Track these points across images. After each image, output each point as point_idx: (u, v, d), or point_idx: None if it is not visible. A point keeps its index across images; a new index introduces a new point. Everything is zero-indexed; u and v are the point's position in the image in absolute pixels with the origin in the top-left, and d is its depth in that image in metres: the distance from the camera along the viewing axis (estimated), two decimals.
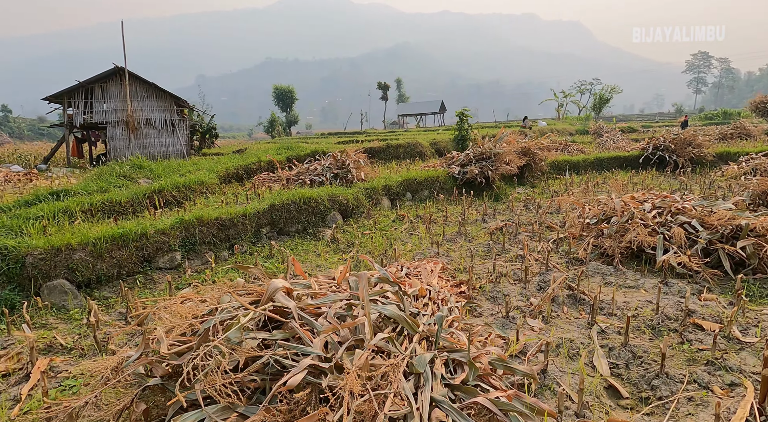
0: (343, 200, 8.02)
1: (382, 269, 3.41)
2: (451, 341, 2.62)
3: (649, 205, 5.86)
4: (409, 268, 4.41)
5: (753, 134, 22.86)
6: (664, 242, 5.22)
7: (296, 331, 2.23)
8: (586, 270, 5.27)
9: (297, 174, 9.97)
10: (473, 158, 11.36)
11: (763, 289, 4.49)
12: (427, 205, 10.06)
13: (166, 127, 20.57)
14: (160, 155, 20.02)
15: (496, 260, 5.66)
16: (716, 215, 5.07)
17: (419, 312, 2.98)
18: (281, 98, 65.79)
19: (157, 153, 20.15)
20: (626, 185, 11.94)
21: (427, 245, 6.69)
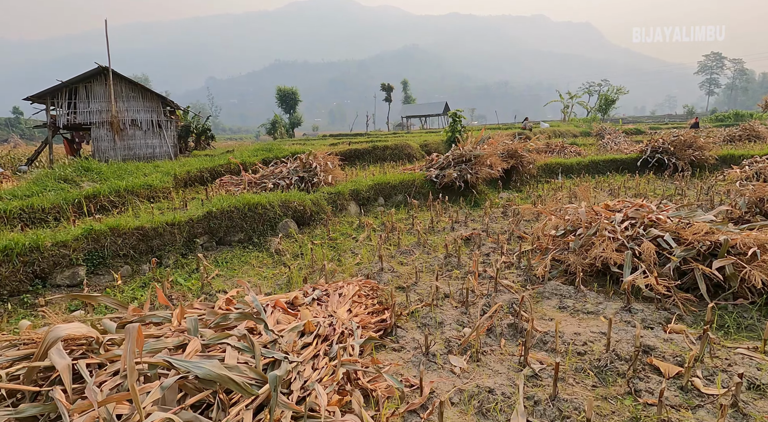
0: (299, 207, 7.43)
1: (256, 298, 2.79)
2: (300, 408, 2.01)
3: (620, 215, 5.16)
4: (326, 290, 3.80)
5: (763, 136, 21.80)
6: (633, 259, 4.54)
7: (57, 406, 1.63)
8: (544, 291, 4.60)
9: (261, 177, 9.42)
10: (452, 160, 10.70)
11: (742, 319, 3.78)
12: (400, 211, 9.44)
13: (153, 128, 20.21)
14: (147, 156, 19.70)
15: (443, 278, 5.02)
16: (692, 228, 4.37)
17: (285, 358, 2.37)
18: (285, 100, 65.69)
19: (144, 154, 19.82)
20: (618, 190, 11.18)
21: (383, 256, 6.06)
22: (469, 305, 4.29)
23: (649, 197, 10.63)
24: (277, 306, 3.03)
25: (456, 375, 3.08)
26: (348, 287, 3.70)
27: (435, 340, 3.63)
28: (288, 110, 66.14)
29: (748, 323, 3.73)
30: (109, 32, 20.30)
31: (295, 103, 66.17)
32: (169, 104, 20.93)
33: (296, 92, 66.83)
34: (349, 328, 3.09)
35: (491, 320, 3.72)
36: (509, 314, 4.04)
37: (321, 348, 2.66)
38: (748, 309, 3.91)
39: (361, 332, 3.13)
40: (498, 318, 3.98)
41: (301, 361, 2.40)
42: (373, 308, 3.69)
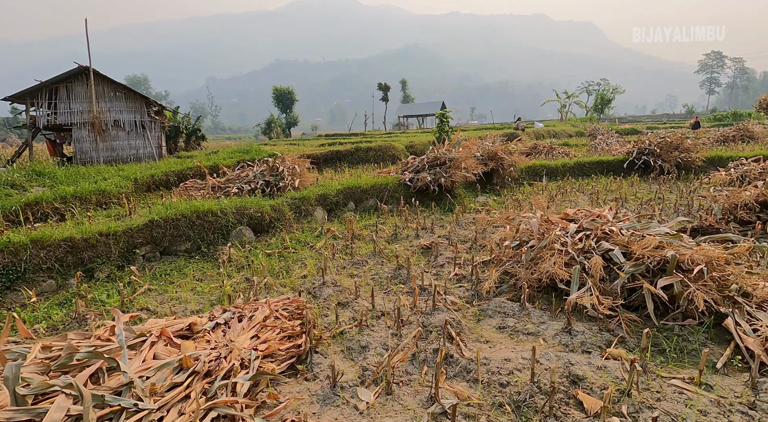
0: (256, 213, 7.16)
1: (122, 331, 2.51)
2: None
3: (575, 226, 4.87)
4: (241, 312, 3.52)
5: (756, 136, 21.45)
6: (582, 274, 4.25)
7: None
8: (487, 308, 4.31)
9: (226, 181, 9.14)
10: (427, 164, 10.41)
11: (686, 343, 3.49)
12: (370, 216, 9.16)
13: (136, 129, 19.95)
14: (130, 157, 19.45)
15: (386, 293, 4.73)
16: (642, 242, 4.08)
17: (135, 405, 2.09)
18: (281, 99, 65.47)
19: (127, 156, 19.57)
20: (598, 194, 10.88)
21: (332, 267, 5.79)
22: (403, 326, 4.01)
23: (629, 201, 10.34)
24: (163, 336, 2.76)
25: (359, 411, 2.80)
26: (262, 309, 3.41)
27: (354, 367, 3.35)
28: (284, 109, 65.92)
29: (692, 348, 3.44)
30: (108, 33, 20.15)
31: (292, 102, 65.94)
32: (153, 104, 20.68)
33: (292, 92, 66.58)
34: (247, 359, 2.81)
35: (412, 346, 3.44)
36: (441, 336, 3.75)
37: (197, 388, 2.38)
38: (695, 331, 3.62)
39: (259, 363, 2.85)
40: (430, 341, 3.69)
41: (157, 408, 2.12)
42: (291, 331, 3.41)
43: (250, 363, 2.78)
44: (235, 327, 3.12)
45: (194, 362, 2.54)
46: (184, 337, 2.96)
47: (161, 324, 2.92)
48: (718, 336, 3.63)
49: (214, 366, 2.60)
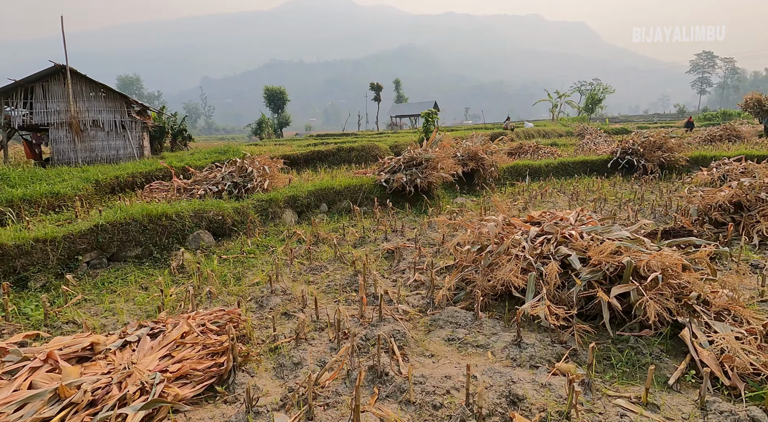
0: (216, 216, 6.87)
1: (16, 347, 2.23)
2: None
3: (536, 230, 4.63)
4: (163, 327, 3.24)
5: (743, 136, 21.43)
6: (540, 282, 4.01)
7: None
8: (439, 318, 4.06)
9: (193, 183, 8.85)
10: (403, 164, 10.17)
11: (640, 356, 3.26)
12: (342, 218, 8.90)
13: (116, 129, 19.54)
14: (109, 158, 19.05)
15: (337, 301, 4.46)
16: (599, 247, 3.85)
17: None
18: (272, 99, 65.12)
19: (106, 156, 19.16)
20: (578, 194, 10.68)
21: (287, 273, 5.52)
22: (346, 339, 3.75)
23: (609, 201, 10.15)
24: (50, 359, 2.49)
25: None
26: (182, 325, 3.13)
27: (281, 387, 3.08)
28: (276, 109, 65.56)
29: (646, 361, 3.21)
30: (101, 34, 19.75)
31: (284, 102, 65.60)
32: (134, 104, 20.29)
33: (284, 92, 66.26)
34: (149, 383, 2.54)
35: (343, 363, 3.18)
36: (383, 351, 3.50)
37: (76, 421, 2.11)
38: (650, 343, 3.39)
39: (165, 387, 2.58)
40: (371, 355, 3.44)
41: None
42: (216, 348, 3.13)
43: (153, 387, 2.51)
44: (143, 346, 2.85)
45: (74, 391, 2.27)
46: (84, 359, 2.69)
47: (58, 344, 2.64)
48: (676, 347, 3.41)
49: (101, 394, 2.33)
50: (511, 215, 5.20)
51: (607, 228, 4.38)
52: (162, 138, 25.00)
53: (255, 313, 4.38)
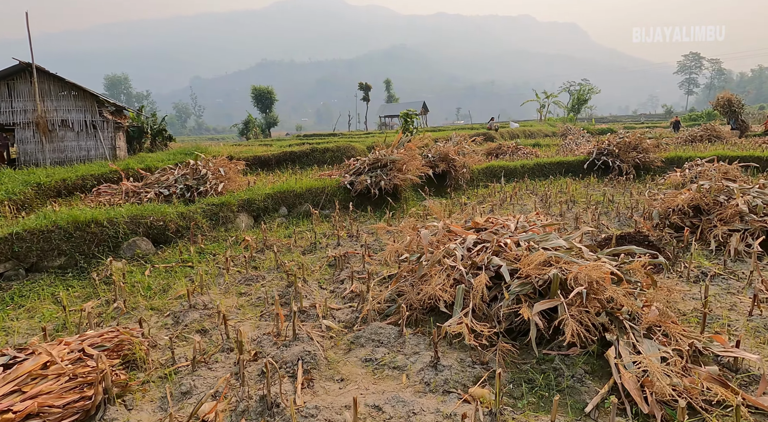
0: (157, 222, 6.51)
1: None
2: None
3: (473, 238, 4.36)
4: (29, 353, 2.89)
5: (723, 137, 21.47)
6: (470, 295, 3.73)
7: None
8: (362, 335, 3.76)
9: (143, 186, 8.46)
10: (367, 165, 9.87)
11: (561, 379, 2.99)
12: (303, 222, 8.57)
13: (87, 129, 18.97)
14: (80, 159, 18.49)
15: (252, 319, 4.14)
16: (529, 258, 3.58)
17: None
18: (260, 99, 64.57)
19: (76, 157, 18.60)
20: (548, 196, 10.47)
21: (220, 284, 5.19)
22: (255, 361, 3.43)
23: (579, 202, 9.94)
24: None
25: None
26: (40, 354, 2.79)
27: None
28: (264, 109, 65.01)
29: (567, 384, 2.94)
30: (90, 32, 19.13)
31: (271, 102, 65.07)
32: (106, 103, 19.76)
33: (272, 92, 65.75)
34: None
35: (224, 393, 2.86)
36: (284, 376, 3.18)
37: None
38: (575, 363, 3.12)
39: None
40: (272, 381, 3.12)
41: None
42: (91, 378, 2.79)
43: None
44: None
45: None
46: None
47: None
48: (604, 366, 3.14)
49: None
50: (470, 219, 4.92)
51: (544, 236, 4.12)
52: (141, 138, 24.46)
53: (169, 330, 4.05)
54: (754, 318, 3.83)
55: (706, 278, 4.77)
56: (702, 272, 4.93)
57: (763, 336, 3.56)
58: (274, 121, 65.13)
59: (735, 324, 3.80)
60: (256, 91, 64.83)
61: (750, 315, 3.88)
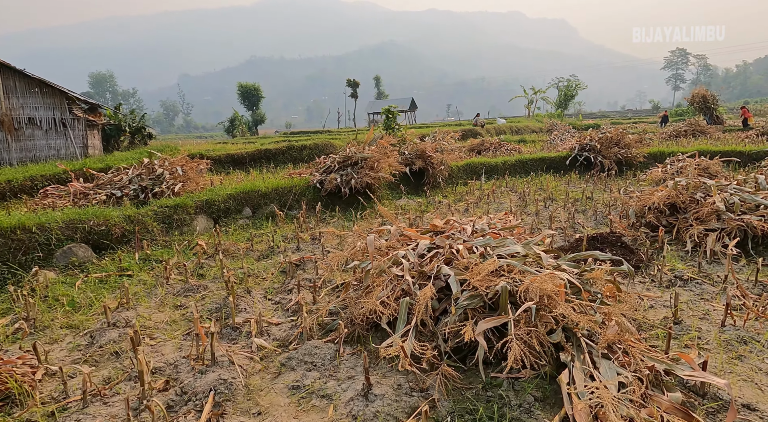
0: (98, 227, 6.01)
1: None
2: None
3: (425, 244, 3.96)
4: None
5: (707, 132, 21.40)
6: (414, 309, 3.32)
7: None
8: (293, 357, 3.34)
9: (95, 187, 7.93)
10: (338, 163, 9.43)
11: (506, 409, 2.60)
12: (267, 224, 8.11)
13: (56, 127, 18.25)
14: (48, 158, 17.78)
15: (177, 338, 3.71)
16: (478, 267, 3.19)
17: None
18: (247, 97, 63.62)
19: (45, 156, 17.89)
20: (526, 194, 10.13)
21: (157, 295, 4.73)
22: (165, 391, 2.99)
23: (558, 200, 9.62)
24: None
25: None
26: None
27: None
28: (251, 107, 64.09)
29: (513, 416, 2.55)
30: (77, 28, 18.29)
31: (258, 99, 64.17)
32: (77, 100, 19.01)
33: (259, 89, 64.86)
34: None
35: None
36: (193, 410, 2.76)
37: None
38: (524, 389, 2.74)
39: None
40: (178, 415, 2.70)
41: None
42: None
43: None
44: None
45: None
46: None
47: None
48: (557, 392, 2.77)
49: None
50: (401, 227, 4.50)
51: (501, 242, 3.73)
52: (119, 137, 23.72)
53: (82, 352, 3.59)
54: (727, 329, 3.49)
55: (680, 283, 4.44)
56: (675, 276, 4.60)
57: (735, 351, 3.22)
58: (261, 118, 64.25)
59: (706, 335, 3.46)
60: (242, 89, 63.89)
61: (722, 326, 3.54)
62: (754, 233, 5.17)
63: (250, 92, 63.06)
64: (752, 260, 5.01)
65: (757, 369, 3.02)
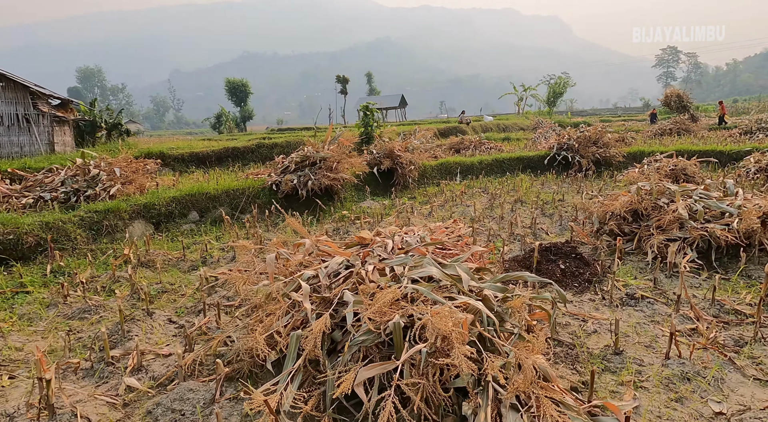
0: (6, 236, 5.43)
1: None
2: None
3: (336, 263, 3.44)
4: None
5: (692, 130, 21.11)
6: None
7: None
8: (161, 404, 2.82)
9: (23, 189, 7.33)
10: (294, 164, 8.89)
11: None
12: (215, 229, 7.57)
13: (18, 123, 17.48)
14: (11, 155, 17.03)
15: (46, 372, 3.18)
16: (379, 295, 2.69)
17: None
18: (234, 93, 62.67)
19: (8, 154, 17.11)
20: (496, 196, 9.66)
21: (52, 317, 4.18)
22: None
23: (528, 203, 9.16)
24: None
25: None
26: None
27: None
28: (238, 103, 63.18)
29: None
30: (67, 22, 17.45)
31: (246, 96, 63.26)
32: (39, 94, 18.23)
33: (247, 84, 63.95)
34: None
35: None
36: None
37: None
38: None
39: None
40: None
41: None
42: None
43: None
44: None
45: None
46: None
47: None
48: None
49: None
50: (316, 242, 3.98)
51: (419, 260, 3.23)
52: (94, 133, 22.93)
53: None
54: (671, 362, 3.03)
55: (632, 302, 3.98)
56: (627, 295, 4.14)
57: (675, 390, 2.76)
58: (249, 114, 63.31)
59: (647, 370, 3.00)
60: (230, 84, 62.93)
61: (666, 358, 3.08)
62: (718, 243, 4.73)
63: (237, 88, 62.16)
64: (714, 274, 4.58)
65: (698, 415, 2.55)
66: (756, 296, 3.99)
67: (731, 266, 4.83)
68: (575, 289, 4.44)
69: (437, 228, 4.84)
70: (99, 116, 23.26)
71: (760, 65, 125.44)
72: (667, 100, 25.35)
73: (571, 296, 4.28)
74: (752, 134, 17.23)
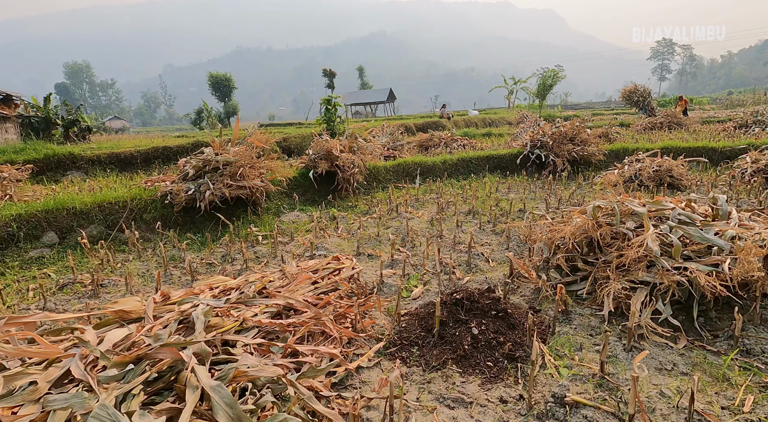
0: None
1: None
2: None
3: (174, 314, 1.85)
4: None
5: (683, 124, 19.59)
6: None
7: None
8: None
9: None
10: (194, 169, 7.26)
11: None
12: (80, 255, 5.96)
13: None
14: None
15: None
16: None
17: None
18: (218, 87, 60.80)
19: None
20: (445, 207, 8.08)
21: None
22: None
23: (482, 213, 7.58)
24: None
25: None
26: None
27: None
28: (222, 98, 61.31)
29: None
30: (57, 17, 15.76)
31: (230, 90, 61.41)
32: None
33: (231, 79, 62.05)
34: None
35: None
36: None
37: None
38: None
39: None
40: None
41: None
42: None
43: None
44: None
45: None
46: None
47: None
48: None
49: None
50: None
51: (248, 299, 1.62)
52: (48, 130, 21.10)
53: None
54: None
55: (561, 410, 2.41)
56: (553, 396, 2.55)
57: None
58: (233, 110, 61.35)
59: None
60: (212, 79, 61.01)
61: None
62: (703, 292, 3.17)
63: (221, 82, 60.28)
64: (697, 341, 3.03)
65: None
66: (764, 398, 2.44)
67: (722, 325, 3.28)
68: (485, 374, 2.87)
69: (304, 270, 3.28)
70: (54, 112, 21.44)
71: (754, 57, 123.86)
72: (625, 95, 25.11)
73: (476, 388, 2.72)
74: (747, 128, 15.72)
